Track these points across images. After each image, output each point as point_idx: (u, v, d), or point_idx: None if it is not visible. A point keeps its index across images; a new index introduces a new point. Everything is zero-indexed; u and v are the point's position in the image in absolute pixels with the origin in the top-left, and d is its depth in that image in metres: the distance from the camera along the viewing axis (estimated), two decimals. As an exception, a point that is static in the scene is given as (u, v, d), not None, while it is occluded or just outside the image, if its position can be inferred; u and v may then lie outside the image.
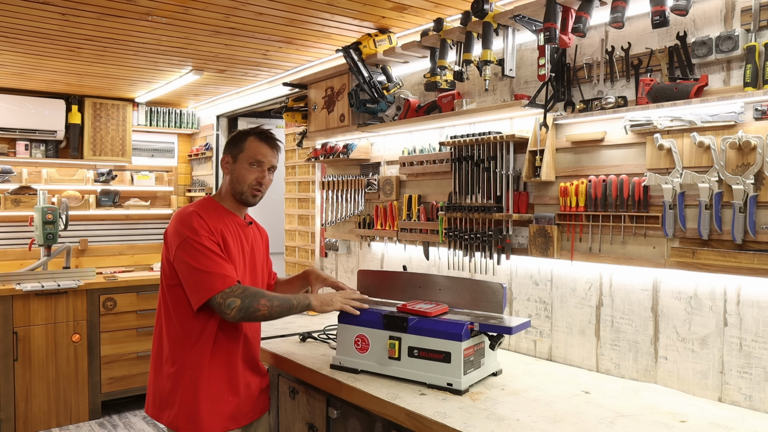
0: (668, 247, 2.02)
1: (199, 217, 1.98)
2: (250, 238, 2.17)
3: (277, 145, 2.16)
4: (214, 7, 2.77)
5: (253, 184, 2.09)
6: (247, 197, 2.10)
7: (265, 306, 1.94)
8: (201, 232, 1.94)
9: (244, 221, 2.17)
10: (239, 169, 2.09)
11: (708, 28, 1.94)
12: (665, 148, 1.99)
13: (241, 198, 2.11)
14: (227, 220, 2.08)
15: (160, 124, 5.63)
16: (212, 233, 1.97)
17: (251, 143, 2.10)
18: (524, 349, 2.55)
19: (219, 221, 2.04)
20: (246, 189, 2.09)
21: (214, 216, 2.05)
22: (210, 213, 2.05)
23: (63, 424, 4.26)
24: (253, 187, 2.09)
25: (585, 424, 1.69)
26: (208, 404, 1.96)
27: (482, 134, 2.54)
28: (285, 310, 1.99)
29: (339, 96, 3.29)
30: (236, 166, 2.10)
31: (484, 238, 2.57)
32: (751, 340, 1.85)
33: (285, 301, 2.00)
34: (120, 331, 4.50)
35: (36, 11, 2.85)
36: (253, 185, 2.09)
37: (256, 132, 2.13)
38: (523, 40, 2.53)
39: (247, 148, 2.10)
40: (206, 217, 2.00)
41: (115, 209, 5.35)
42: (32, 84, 4.67)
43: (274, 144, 2.14)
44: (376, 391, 1.96)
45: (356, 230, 3.37)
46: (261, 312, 1.94)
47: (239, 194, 2.11)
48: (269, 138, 2.14)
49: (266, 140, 2.12)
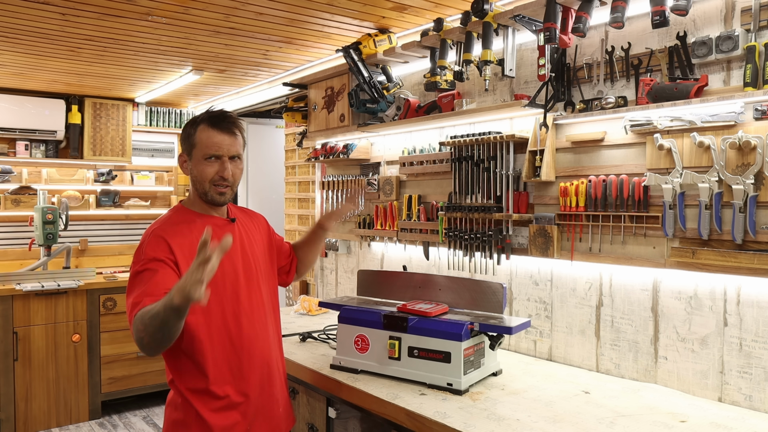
0: (668, 247, 2.02)
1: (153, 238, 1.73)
2: (236, 236, 1.89)
3: (234, 129, 1.82)
4: (214, 7, 2.77)
5: (215, 179, 1.80)
6: (212, 196, 1.82)
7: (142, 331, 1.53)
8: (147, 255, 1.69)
9: (224, 219, 1.91)
10: (196, 166, 1.81)
11: (708, 28, 1.94)
12: (665, 148, 1.99)
13: (206, 198, 1.84)
14: (199, 226, 1.79)
15: (160, 124, 5.63)
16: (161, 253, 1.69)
17: (202, 134, 1.79)
18: (524, 349, 2.55)
19: (189, 231, 1.79)
20: (208, 188, 1.81)
21: (181, 228, 1.80)
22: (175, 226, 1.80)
23: (63, 424, 4.26)
24: (215, 184, 1.80)
25: (585, 424, 1.69)
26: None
27: (482, 134, 2.54)
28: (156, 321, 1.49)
29: (339, 96, 3.29)
30: (192, 163, 1.82)
31: (484, 238, 2.57)
32: (751, 340, 1.85)
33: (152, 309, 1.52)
34: (120, 331, 4.50)
35: (36, 11, 2.85)
36: (216, 181, 1.80)
37: (205, 119, 1.81)
38: (523, 40, 2.53)
39: (198, 140, 1.80)
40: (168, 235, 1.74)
41: (115, 209, 5.35)
42: (32, 84, 4.67)
43: (229, 128, 1.81)
44: (376, 391, 1.96)
45: (356, 230, 3.37)
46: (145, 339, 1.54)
47: (203, 194, 1.83)
48: (222, 121, 1.80)
49: (218, 126, 1.80)
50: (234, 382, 1.82)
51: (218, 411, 1.79)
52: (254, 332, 1.88)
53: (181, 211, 1.89)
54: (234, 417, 1.81)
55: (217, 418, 1.78)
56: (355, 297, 2.52)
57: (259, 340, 1.89)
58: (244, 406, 1.83)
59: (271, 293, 2.02)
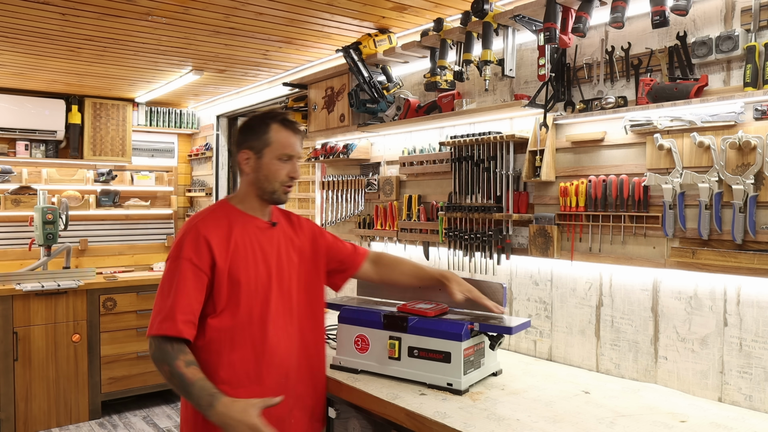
0: (668, 247, 2.02)
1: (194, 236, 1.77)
2: (275, 241, 1.91)
3: (301, 130, 1.91)
4: (214, 7, 2.77)
5: (286, 180, 1.85)
6: (279, 196, 1.87)
7: (166, 374, 1.67)
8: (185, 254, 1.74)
9: (267, 223, 1.92)
10: (267, 165, 1.83)
11: (708, 28, 1.94)
12: (665, 148, 1.99)
13: (272, 198, 1.87)
14: (241, 226, 1.85)
15: (160, 124, 5.63)
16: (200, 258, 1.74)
17: (278, 134, 1.83)
18: (524, 349, 2.55)
19: (229, 230, 1.82)
20: (278, 187, 1.85)
21: (223, 224, 1.83)
22: (217, 222, 1.83)
23: (63, 424, 4.26)
24: (285, 185, 1.86)
25: (585, 424, 1.69)
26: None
27: (482, 134, 2.54)
28: (180, 390, 1.66)
29: (339, 96, 3.29)
30: (262, 161, 1.83)
31: (484, 238, 2.57)
32: (751, 340, 1.85)
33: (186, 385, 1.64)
34: (120, 331, 4.50)
35: (36, 11, 2.85)
36: (286, 182, 1.86)
37: (278, 119, 1.86)
38: (523, 40, 2.53)
39: (274, 140, 1.83)
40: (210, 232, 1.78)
41: (115, 209, 5.35)
42: (32, 84, 4.67)
43: (299, 130, 1.89)
44: (376, 391, 1.96)
45: (356, 230, 3.37)
46: (164, 376, 1.69)
47: (270, 193, 1.86)
48: (293, 124, 1.88)
49: (292, 127, 1.86)
50: (250, 386, 1.80)
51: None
52: (277, 339, 1.86)
53: (226, 207, 1.90)
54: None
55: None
56: (355, 297, 2.52)
57: (281, 347, 1.87)
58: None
59: (310, 300, 1.99)
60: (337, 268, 2.13)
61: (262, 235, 1.88)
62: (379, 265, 2.17)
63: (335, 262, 2.12)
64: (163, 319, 1.68)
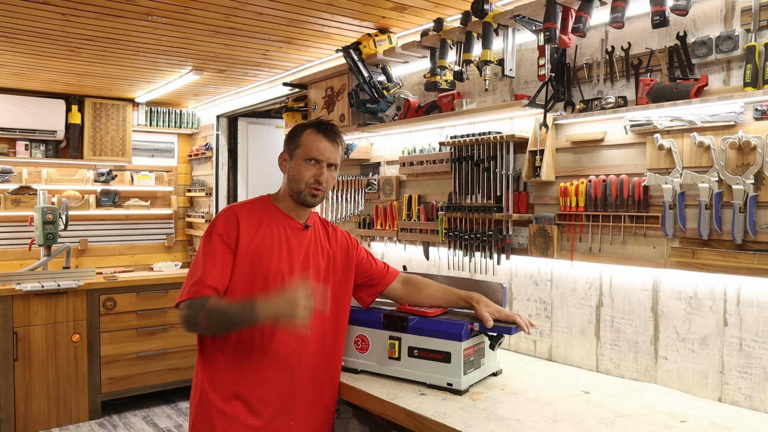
0: (668, 247, 2.02)
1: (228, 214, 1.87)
2: (305, 243, 1.95)
3: (337, 139, 1.95)
4: (214, 7, 2.77)
5: (311, 182, 1.90)
6: (305, 197, 1.91)
7: (203, 319, 1.74)
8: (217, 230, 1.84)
9: (300, 224, 1.97)
10: (295, 166, 1.92)
11: (708, 28, 1.94)
12: (665, 148, 1.99)
13: (299, 198, 1.93)
14: (274, 221, 1.92)
15: (160, 124, 5.63)
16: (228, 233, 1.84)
17: (308, 137, 1.91)
18: (524, 349, 2.55)
19: (261, 220, 1.90)
20: (303, 188, 1.90)
21: (257, 214, 1.91)
22: (252, 211, 1.92)
23: (63, 424, 4.26)
24: (311, 186, 1.90)
25: (585, 424, 1.69)
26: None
27: (482, 134, 2.54)
28: (222, 323, 1.75)
29: (339, 96, 3.29)
30: (292, 163, 1.93)
31: (484, 238, 2.57)
32: (751, 340, 1.85)
33: (225, 311, 1.74)
34: (120, 331, 4.50)
35: (36, 11, 2.85)
36: (311, 184, 1.90)
37: (314, 124, 1.95)
38: (523, 40, 2.53)
39: (303, 143, 1.91)
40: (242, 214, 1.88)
41: (115, 209, 5.36)
42: (32, 84, 4.67)
43: (333, 137, 1.93)
44: (376, 391, 1.96)
45: (356, 230, 3.37)
46: (201, 326, 1.75)
47: (297, 194, 1.92)
48: (328, 131, 1.93)
49: (324, 133, 1.92)
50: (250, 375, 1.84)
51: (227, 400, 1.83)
52: (287, 340, 1.87)
53: (264, 201, 1.99)
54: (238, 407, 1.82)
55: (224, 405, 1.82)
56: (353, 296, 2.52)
57: (290, 344, 1.88)
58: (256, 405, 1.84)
59: (335, 309, 2.01)
60: (365, 283, 2.15)
61: (293, 235, 1.94)
62: (407, 285, 2.18)
63: (364, 277, 2.14)
64: (192, 285, 1.78)
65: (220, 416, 1.81)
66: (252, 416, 1.83)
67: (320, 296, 1.93)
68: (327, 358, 1.99)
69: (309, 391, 1.94)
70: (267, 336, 1.85)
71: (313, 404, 1.96)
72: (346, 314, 2.09)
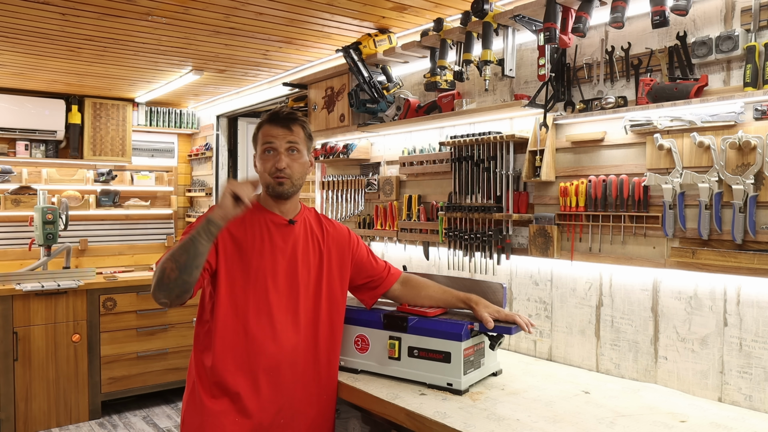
0: (668, 247, 2.02)
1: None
2: (291, 239, 1.94)
3: (290, 123, 1.91)
4: (214, 7, 2.77)
5: (273, 171, 1.88)
6: (273, 188, 1.90)
7: (169, 263, 1.67)
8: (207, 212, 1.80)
9: (285, 220, 1.95)
10: (258, 162, 1.94)
11: (708, 28, 1.94)
12: (665, 148, 1.99)
13: (271, 192, 1.92)
14: (256, 218, 1.92)
15: (160, 124, 5.62)
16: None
17: (262, 131, 1.92)
18: (524, 349, 2.55)
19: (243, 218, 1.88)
20: (269, 180, 1.90)
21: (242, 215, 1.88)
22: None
23: (63, 424, 4.26)
24: (273, 176, 1.88)
25: (585, 424, 1.69)
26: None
27: (482, 134, 2.54)
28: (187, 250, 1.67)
29: (339, 96, 3.29)
30: (256, 160, 1.95)
31: (484, 238, 2.57)
32: (751, 340, 1.85)
33: (183, 240, 1.70)
34: (120, 331, 4.50)
35: (36, 11, 2.85)
36: (273, 173, 1.88)
37: (266, 117, 1.95)
38: (523, 40, 2.53)
39: (260, 137, 1.92)
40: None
41: (115, 209, 5.35)
42: (32, 84, 4.67)
43: (285, 122, 1.90)
44: (376, 391, 1.96)
45: (356, 230, 3.37)
46: (172, 274, 1.66)
47: (267, 188, 1.93)
48: (278, 117, 1.92)
49: (275, 120, 1.91)
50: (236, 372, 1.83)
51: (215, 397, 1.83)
52: (273, 335, 1.87)
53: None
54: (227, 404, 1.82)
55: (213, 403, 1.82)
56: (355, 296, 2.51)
57: (275, 344, 1.87)
58: (243, 403, 1.83)
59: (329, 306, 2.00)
60: (366, 284, 2.14)
61: (276, 230, 1.93)
62: (407, 286, 2.17)
63: (365, 277, 2.13)
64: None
65: (208, 413, 1.81)
66: (240, 415, 1.82)
67: (311, 293, 1.96)
68: (320, 356, 1.98)
69: (300, 390, 1.92)
70: (258, 334, 1.85)
71: (307, 404, 1.95)
72: (341, 311, 2.07)
